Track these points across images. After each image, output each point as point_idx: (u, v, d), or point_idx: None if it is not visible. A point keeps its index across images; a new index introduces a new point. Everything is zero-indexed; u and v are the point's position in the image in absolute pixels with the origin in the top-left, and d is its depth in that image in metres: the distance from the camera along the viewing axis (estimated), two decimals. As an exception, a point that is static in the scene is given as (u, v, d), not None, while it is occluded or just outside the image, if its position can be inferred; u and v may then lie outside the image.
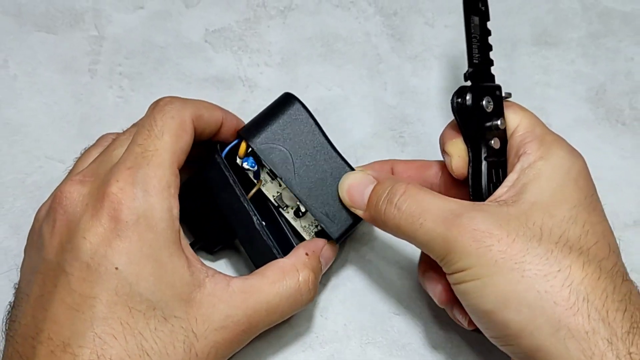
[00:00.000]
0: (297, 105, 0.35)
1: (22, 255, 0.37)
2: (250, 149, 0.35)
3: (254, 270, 0.34)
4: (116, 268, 0.28)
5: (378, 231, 0.39)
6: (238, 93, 0.43)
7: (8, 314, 0.31)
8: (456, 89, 0.34)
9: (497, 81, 0.36)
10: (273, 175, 0.35)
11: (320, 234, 0.35)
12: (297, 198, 0.34)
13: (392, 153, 0.42)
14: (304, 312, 0.36)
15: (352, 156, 0.41)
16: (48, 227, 0.30)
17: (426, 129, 0.44)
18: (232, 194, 0.34)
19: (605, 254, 0.28)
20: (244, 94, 0.43)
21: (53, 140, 0.41)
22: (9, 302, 0.32)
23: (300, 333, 0.36)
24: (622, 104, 0.44)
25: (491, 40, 0.44)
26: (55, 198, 0.30)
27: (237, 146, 0.35)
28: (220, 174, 0.34)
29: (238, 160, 0.35)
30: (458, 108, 0.33)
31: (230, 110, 0.36)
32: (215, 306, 0.30)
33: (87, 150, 0.35)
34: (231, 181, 0.34)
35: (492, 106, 0.33)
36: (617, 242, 0.31)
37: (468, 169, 0.33)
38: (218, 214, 0.34)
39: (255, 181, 0.36)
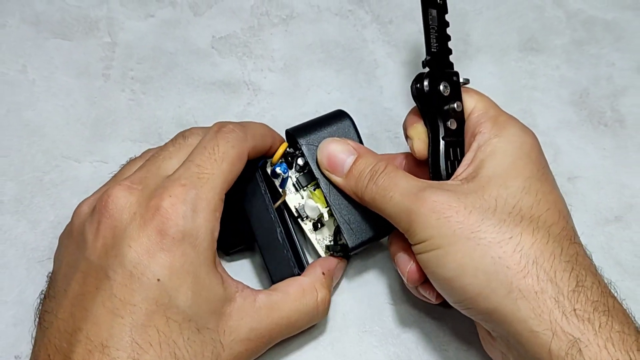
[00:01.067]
0: (348, 121, 0.36)
1: (39, 249, 0.38)
2: (283, 157, 0.36)
3: (266, 272, 0.35)
4: (158, 280, 0.28)
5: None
6: (243, 96, 0.43)
7: (41, 302, 0.32)
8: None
9: (487, 85, 0.37)
10: (299, 187, 0.36)
11: (330, 247, 0.36)
12: (325, 200, 0.35)
13: (388, 153, 0.41)
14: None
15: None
16: (91, 227, 0.30)
17: (420, 130, 0.44)
18: (262, 203, 0.34)
19: (554, 219, 0.29)
20: (248, 97, 0.43)
21: (69, 141, 0.41)
22: (42, 290, 0.32)
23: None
24: (603, 106, 0.45)
25: (481, 47, 0.44)
26: (102, 200, 0.30)
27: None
28: (254, 183, 0.35)
29: (268, 169, 0.36)
30: (417, 93, 0.34)
31: (237, 114, 0.37)
32: (242, 319, 0.30)
33: (132, 160, 0.35)
34: (262, 191, 0.34)
35: (449, 90, 0.34)
36: (602, 237, 0.31)
37: (428, 149, 0.34)
38: (243, 218, 0.35)
39: (280, 190, 0.36)
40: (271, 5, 0.46)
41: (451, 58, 0.37)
